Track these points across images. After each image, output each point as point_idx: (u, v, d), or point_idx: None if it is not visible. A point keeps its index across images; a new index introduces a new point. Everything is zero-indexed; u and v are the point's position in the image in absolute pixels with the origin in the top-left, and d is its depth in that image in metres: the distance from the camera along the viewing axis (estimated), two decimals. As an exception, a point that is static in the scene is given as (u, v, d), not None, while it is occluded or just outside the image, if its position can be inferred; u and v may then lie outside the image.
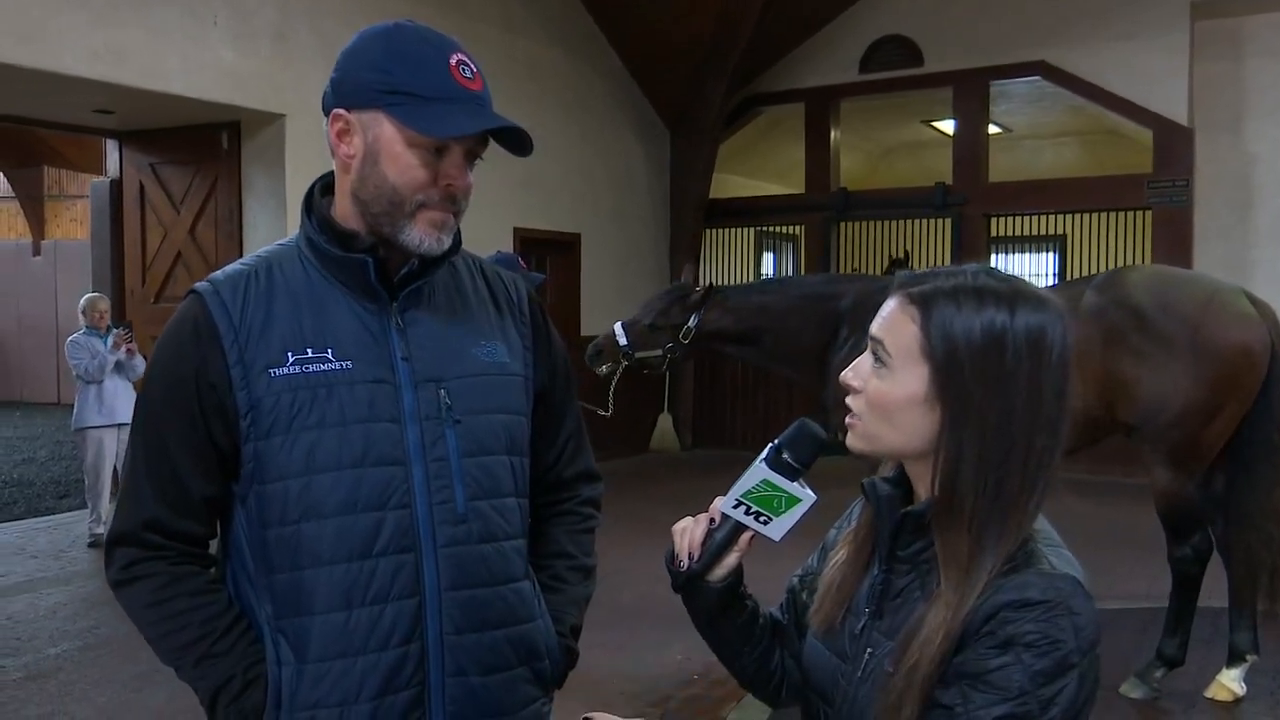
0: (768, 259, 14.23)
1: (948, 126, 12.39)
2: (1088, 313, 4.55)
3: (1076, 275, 11.12)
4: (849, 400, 1.31)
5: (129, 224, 8.97)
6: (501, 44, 10.06)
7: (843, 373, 1.32)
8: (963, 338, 1.22)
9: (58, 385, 16.89)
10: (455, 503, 1.54)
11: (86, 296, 7.88)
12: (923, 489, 1.29)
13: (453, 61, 1.50)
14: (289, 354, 1.50)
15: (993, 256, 12.50)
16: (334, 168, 1.59)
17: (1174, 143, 10.50)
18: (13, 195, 19.11)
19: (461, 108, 1.49)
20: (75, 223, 18.73)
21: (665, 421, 12.22)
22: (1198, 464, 4.50)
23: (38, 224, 18.99)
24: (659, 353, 5.68)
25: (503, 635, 1.58)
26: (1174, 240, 10.47)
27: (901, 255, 12.41)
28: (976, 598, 1.18)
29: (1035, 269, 13.80)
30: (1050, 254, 13.89)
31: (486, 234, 9.07)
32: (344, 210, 1.57)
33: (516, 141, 1.54)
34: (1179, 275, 4.88)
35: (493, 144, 1.57)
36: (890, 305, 1.29)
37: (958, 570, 1.20)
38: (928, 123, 13.49)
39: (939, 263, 8.68)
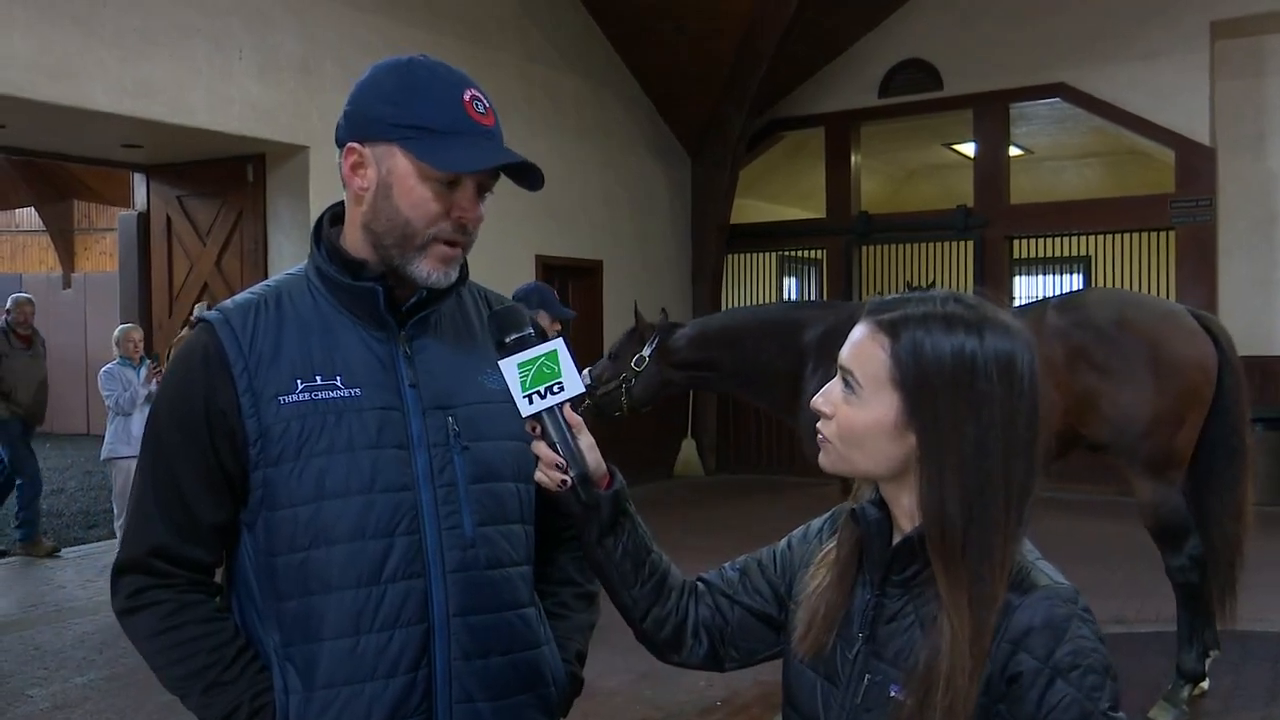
0: (790, 283, 14.24)
1: (968, 149, 12.40)
2: (1051, 333, 4.75)
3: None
4: (820, 424, 1.33)
5: (156, 256, 9.10)
6: (522, 73, 10.15)
7: (814, 398, 1.33)
8: (933, 364, 1.23)
9: (87, 416, 17.06)
10: (463, 528, 1.54)
11: (120, 327, 7.99)
12: (899, 511, 1.31)
13: (466, 97, 1.51)
14: (298, 381, 1.51)
15: (1016, 279, 12.47)
16: (345, 199, 1.61)
17: (1196, 162, 10.46)
18: (44, 229, 19.41)
19: (474, 142, 1.50)
20: (105, 255, 18.98)
21: (689, 447, 12.24)
22: (1176, 471, 4.68)
23: (68, 257, 19.28)
24: (615, 383, 5.87)
25: (509, 661, 1.57)
26: (1198, 259, 10.44)
27: (927, 286, 12.36)
28: (995, 618, 1.20)
29: (1062, 290, 13.75)
30: (1076, 275, 13.84)
31: (509, 261, 9.11)
32: (354, 240, 1.58)
33: (527, 176, 1.55)
34: (1134, 296, 5.19)
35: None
36: (859, 332, 1.30)
37: (964, 599, 1.20)
38: (948, 145, 13.50)
39: (962, 287, 8.67)
